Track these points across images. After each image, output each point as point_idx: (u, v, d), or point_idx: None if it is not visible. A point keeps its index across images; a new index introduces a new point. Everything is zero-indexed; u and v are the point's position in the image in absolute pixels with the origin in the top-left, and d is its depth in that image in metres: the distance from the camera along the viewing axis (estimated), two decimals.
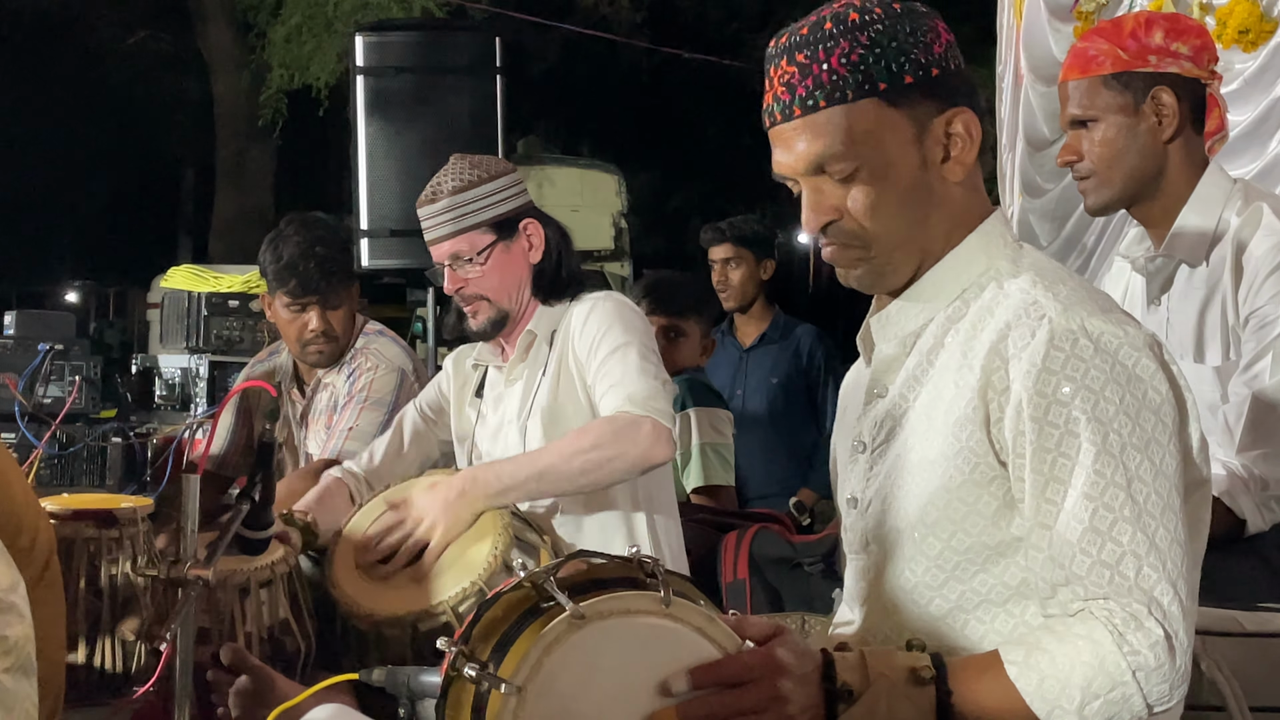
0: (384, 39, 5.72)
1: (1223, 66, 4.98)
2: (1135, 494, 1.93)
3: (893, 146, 2.07)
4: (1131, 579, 1.91)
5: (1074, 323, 1.98)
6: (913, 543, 2.10)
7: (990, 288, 2.11)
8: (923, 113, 2.07)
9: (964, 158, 2.10)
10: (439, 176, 3.56)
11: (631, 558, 1.92)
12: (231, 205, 17.80)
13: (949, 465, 2.05)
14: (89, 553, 2.88)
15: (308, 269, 4.33)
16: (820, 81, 2.06)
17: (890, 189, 2.09)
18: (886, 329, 2.20)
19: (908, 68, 2.05)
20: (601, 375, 3.37)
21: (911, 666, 1.92)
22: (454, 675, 1.85)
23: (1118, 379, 1.96)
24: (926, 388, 2.12)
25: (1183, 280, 3.25)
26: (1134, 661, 1.89)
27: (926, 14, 2.09)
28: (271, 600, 3.06)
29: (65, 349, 5.37)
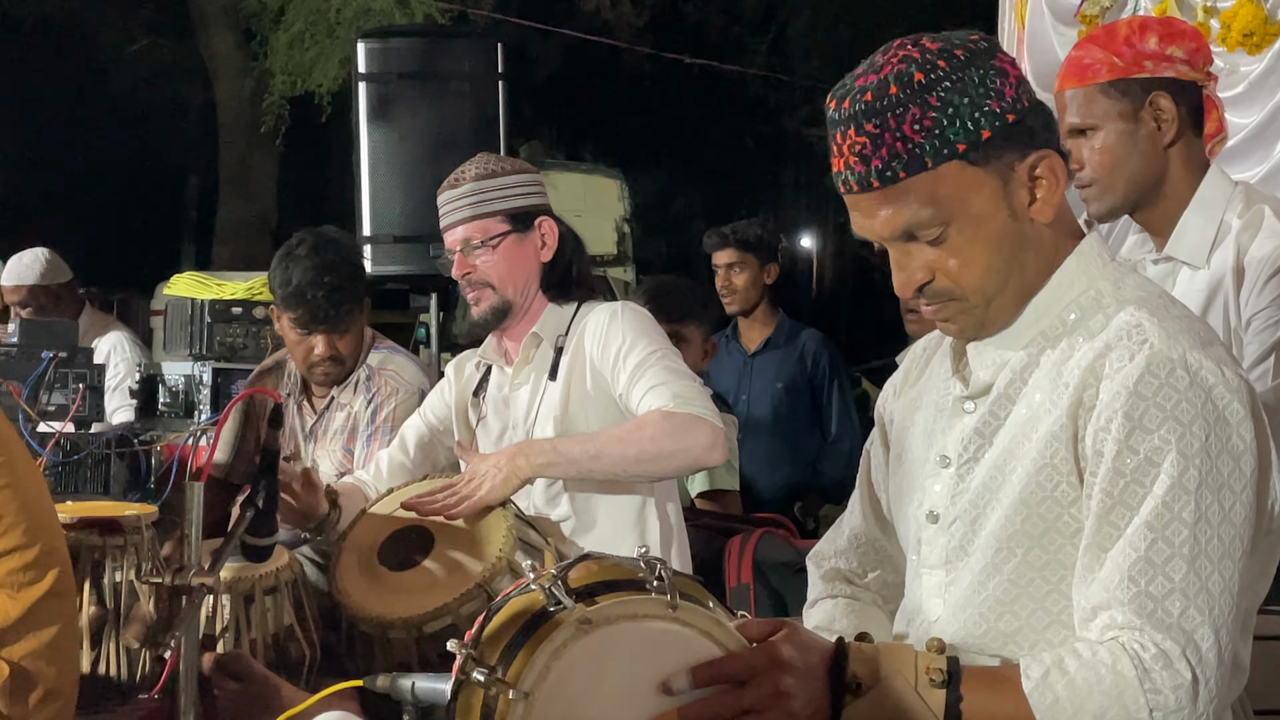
0: (386, 45, 5.73)
1: (1227, 70, 5.00)
2: (1199, 534, 1.91)
3: (979, 204, 2.02)
4: (1175, 617, 1.89)
5: (1175, 352, 1.95)
6: (990, 555, 2.08)
7: (1090, 309, 2.08)
8: (1005, 164, 2.02)
9: (1051, 199, 2.05)
10: (464, 165, 3.62)
11: (639, 559, 1.91)
12: (234, 212, 17.81)
13: (1031, 480, 2.03)
14: (93, 561, 2.88)
15: (315, 298, 4.26)
16: (895, 152, 1.98)
17: (981, 245, 2.04)
18: (984, 356, 2.16)
19: (984, 123, 1.99)
20: (639, 379, 3.39)
21: (925, 667, 1.91)
22: (463, 679, 1.85)
23: (1206, 417, 1.93)
24: (1019, 405, 2.09)
25: (1184, 283, 3.25)
26: (1154, 700, 1.86)
27: (989, 51, 2.03)
28: (276, 607, 3.07)
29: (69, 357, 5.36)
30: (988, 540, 2.08)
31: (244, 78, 17.11)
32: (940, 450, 2.19)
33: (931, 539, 2.20)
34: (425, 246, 5.18)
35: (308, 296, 4.26)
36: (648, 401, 3.34)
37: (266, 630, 3.05)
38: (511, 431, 3.62)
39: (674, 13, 21.12)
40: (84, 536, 2.89)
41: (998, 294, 2.07)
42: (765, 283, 6.14)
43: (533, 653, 1.81)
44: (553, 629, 1.82)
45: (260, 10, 16.35)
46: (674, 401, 3.29)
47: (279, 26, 16.03)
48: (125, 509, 3.07)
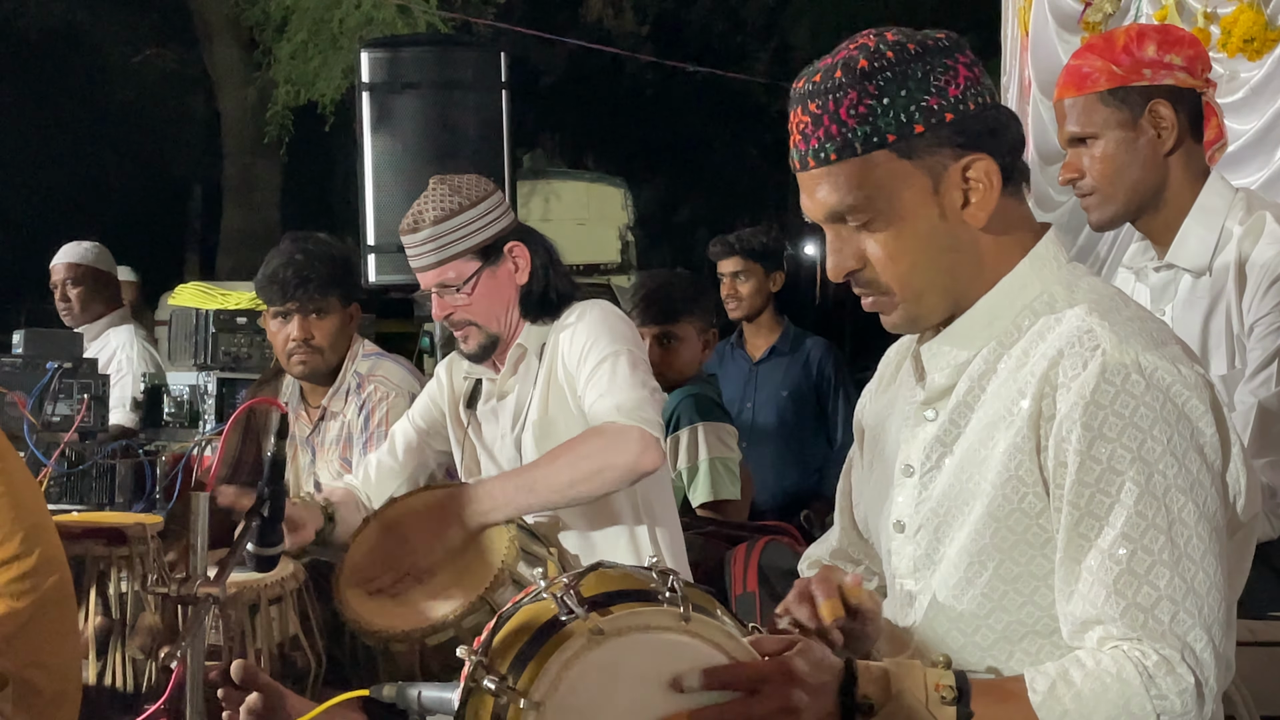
0: (389, 55, 5.73)
1: (1228, 76, 5.01)
2: (1176, 537, 1.91)
3: (906, 198, 2.03)
4: (1166, 624, 1.89)
5: (1128, 356, 1.95)
6: (962, 570, 2.08)
7: (1044, 313, 2.07)
8: (937, 162, 2.02)
9: (984, 204, 2.04)
10: (419, 204, 3.54)
11: (652, 570, 1.91)
12: (238, 222, 17.83)
13: (998, 493, 2.03)
14: (99, 571, 2.89)
15: (286, 276, 4.35)
16: (830, 134, 2.02)
17: (907, 239, 2.05)
18: (938, 358, 2.16)
19: (918, 117, 2.00)
20: (590, 386, 3.38)
21: (935, 684, 1.89)
22: (473, 687, 1.85)
23: (1167, 418, 1.93)
24: (978, 413, 2.09)
25: (1186, 290, 3.25)
26: (1160, 706, 1.87)
27: (946, 49, 2.04)
28: (281, 617, 3.07)
29: (74, 367, 5.37)
30: (959, 554, 2.08)
31: (247, 88, 17.14)
32: (904, 459, 2.20)
33: (899, 549, 2.21)
34: None
35: (279, 276, 4.37)
36: (593, 412, 3.34)
37: (272, 640, 3.05)
38: (500, 441, 3.63)
39: (677, 21, 21.14)
40: (89, 546, 2.89)
41: (925, 292, 2.08)
42: (770, 290, 6.14)
43: (544, 662, 1.81)
44: (564, 639, 1.82)
45: (264, 20, 16.37)
46: (615, 413, 3.27)
47: (282, 36, 16.06)
48: (130, 519, 3.08)
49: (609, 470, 3.27)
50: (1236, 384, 3.12)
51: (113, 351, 6.83)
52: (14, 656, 2.40)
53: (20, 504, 2.48)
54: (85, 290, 6.91)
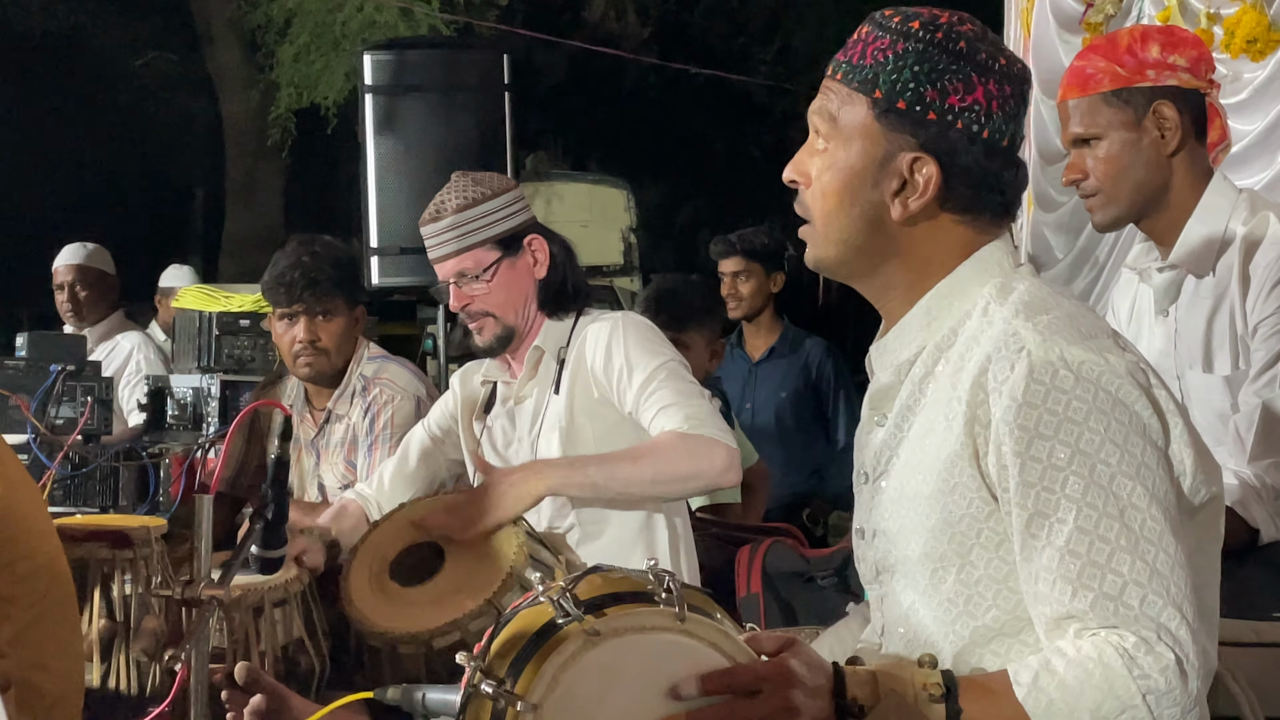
0: (392, 57, 5.74)
1: (1231, 76, 5.00)
2: (1130, 522, 1.91)
3: (859, 153, 2.10)
4: (1137, 608, 1.89)
5: (1053, 354, 1.96)
6: (925, 578, 2.09)
7: (977, 316, 2.09)
8: (896, 140, 2.08)
9: (909, 202, 2.09)
10: (442, 194, 3.57)
11: (648, 571, 1.91)
12: (241, 225, 17.82)
13: (948, 500, 2.04)
14: (103, 573, 2.89)
15: (292, 278, 4.37)
16: (850, 59, 2.11)
17: (841, 185, 2.11)
18: (884, 357, 2.19)
19: (907, 95, 2.06)
20: (649, 398, 3.37)
21: (923, 683, 1.91)
22: (472, 692, 1.85)
23: (1101, 407, 1.94)
24: (919, 418, 2.11)
25: (1190, 291, 3.25)
26: (1144, 685, 1.87)
27: (987, 69, 2.07)
28: (286, 619, 3.07)
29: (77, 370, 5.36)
30: (921, 562, 2.08)
31: (250, 90, 17.12)
32: (859, 465, 2.24)
33: (862, 554, 2.24)
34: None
35: (285, 278, 4.38)
36: (659, 422, 3.33)
37: (276, 643, 3.05)
38: (517, 445, 3.62)
39: (679, 23, 21.11)
40: (93, 549, 2.90)
41: (835, 244, 2.14)
42: (771, 291, 6.14)
43: (541, 664, 1.81)
44: (561, 641, 1.83)
45: (266, 23, 16.36)
46: (687, 424, 3.28)
47: (285, 39, 16.04)
48: (134, 522, 3.08)
49: (695, 479, 3.33)
50: (1240, 385, 3.12)
51: (127, 354, 6.85)
52: (16, 659, 2.40)
53: (21, 507, 2.48)
54: (91, 292, 6.94)
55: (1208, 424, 3.19)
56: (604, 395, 3.46)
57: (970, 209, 2.10)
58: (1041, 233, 6.62)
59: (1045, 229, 6.59)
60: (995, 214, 2.13)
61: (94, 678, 2.83)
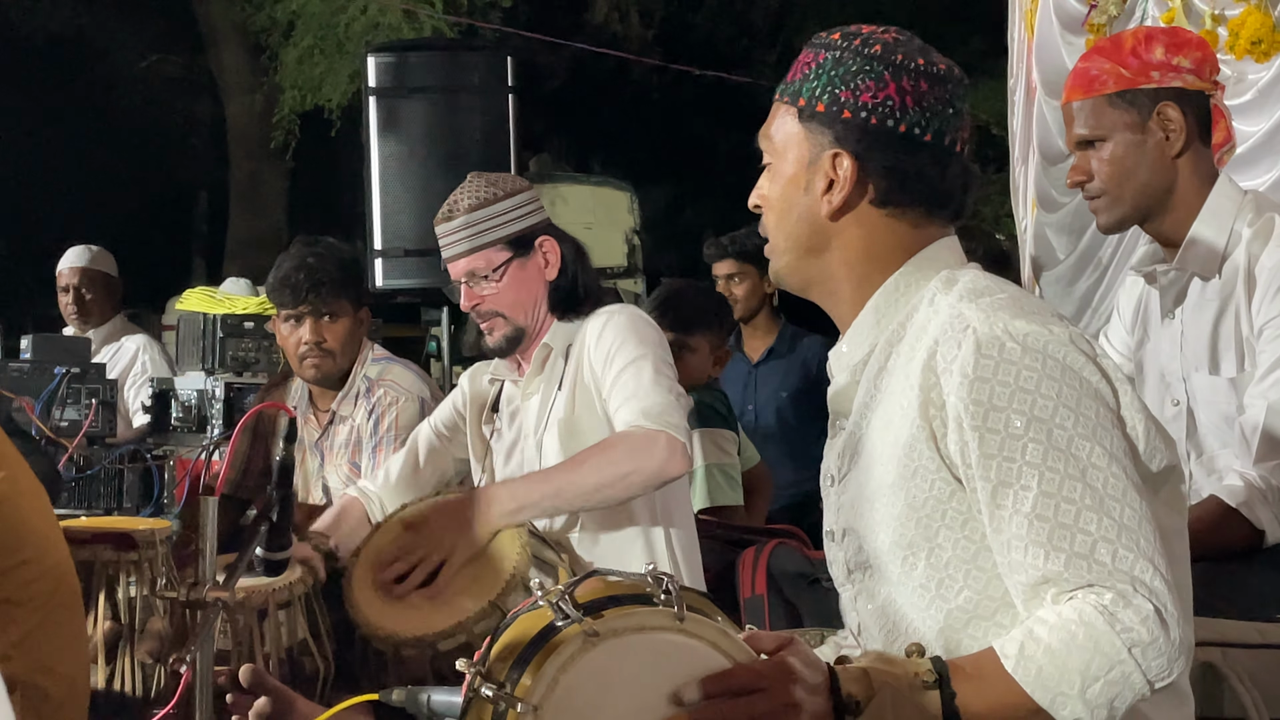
0: (396, 59, 5.74)
1: (1235, 78, 4.99)
2: (1092, 481, 1.94)
3: (792, 160, 2.22)
4: (1109, 563, 1.92)
5: (997, 328, 2.00)
6: (896, 567, 2.11)
7: (924, 307, 2.14)
8: (818, 141, 2.19)
9: (834, 198, 2.18)
10: (456, 194, 3.58)
11: (647, 574, 1.92)
12: (245, 227, 17.82)
13: (909, 486, 2.07)
14: (107, 576, 2.89)
15: (298, 280, 4.38)
16: (786, 78, 2.26)
17: (783, 197, 2.24)
18: (840, 360, 2.26)
19: (824, 98, 2.18)
20: (616, 389, 3.37)
21: (914, 672, 1.93)
22: (472, 696, 1.86)
23: (1051, 374, 1.98)
24: (878, 413, 2.15)
25: (1196, 293, 3.24)
26: (1128, 639, 1.89)
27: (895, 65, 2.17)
28: (290, 621, 3.07)
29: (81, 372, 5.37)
30: (890, 552, 2.11)
31: (254, 93, 17.13)
32: (826, 469, 2.31)
33: (834, 557, 2.28)
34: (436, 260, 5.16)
35: (291, 280, 4.40)
36: (619, 417, 3.35)
37: (280, 645, 3.05)
38: (523, 442, 3.62)
39: (683, 25, 21.10)
40: (98, 551, 2.89)
41: (786, 252, 2.26)
42: (766, 291, 6.13)
43: (540, 666, 1.82)
44: (560, 643, 1.83)
45: (270, 26, 16.36)
46: (642, 417, 3.28)
47: (288, 42, 16.05)
48: (139, 524, 3.08)
49: (635, 475, 3.28)
50: (1247, 387, 3.12)
51: (132, 356, 6.86)
52: (22, 662, 2.40)
53: (27, 510, 2.48)
54: (96, 294, 6.95)
55: (1214, 426, 3.19)
56: (598, 388, 3.46)
57: (898, 203, 2.19)
58: (1044, 233, 6.62)
59: (1048, 230, 6.59)
60: (929, 209, 2.20)
61: (99, 680, 2.83)
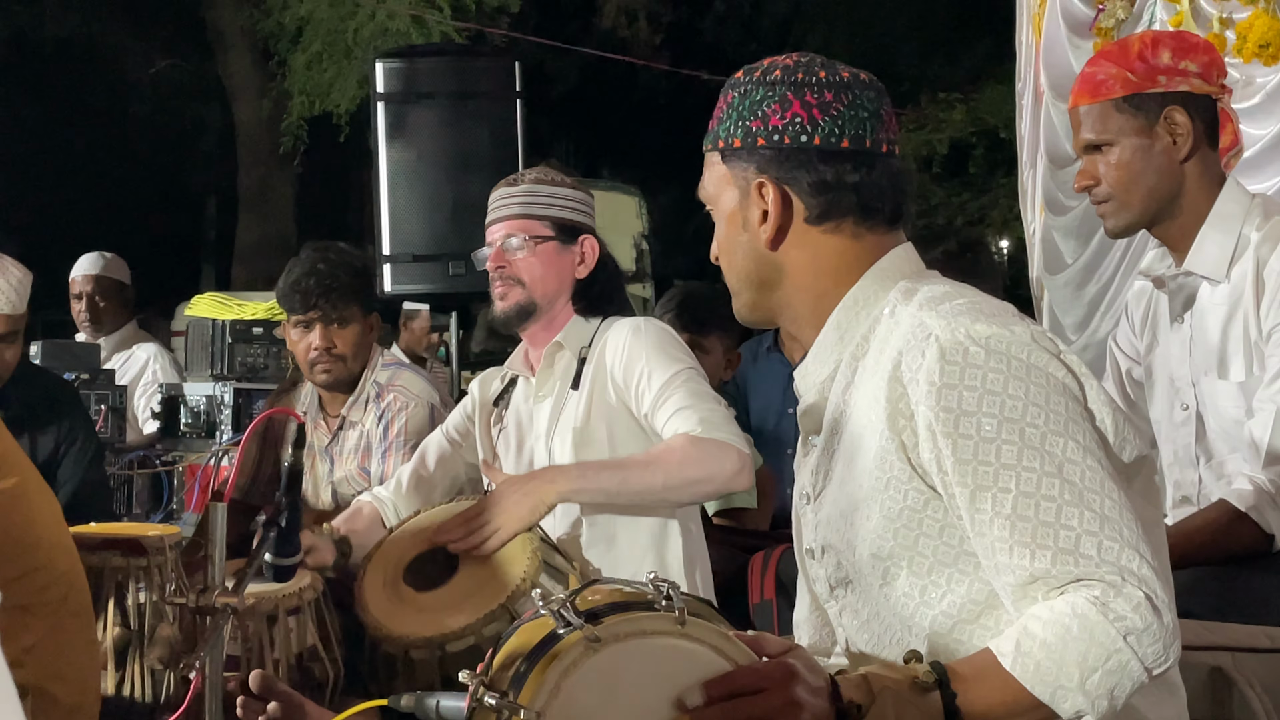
0: (404, 65, 5.75)
1: (1244, 81, 4.99)
2: (1069, 476, 1.95)
3: (724, 200, 2.27)
4: (1095, 555, 1.92)
5: (959, 333, 2.01)
6: (878, 579, 2.12)
7: (885, 319, 2.15)
8: (741, 176, 2.23)
9: (769, 226, 2.21)
10: (527, 170, 3.71)
11: (648, 582, 1.92)
12: (253, 232, 17.84)
13: (884, 498, 2.07)
14: (117, 582, 2.89)
15: (308, 285, 4.39)
16: (708, 128, 2.30)
17: (727, 239, 2.28)
18: (806, 379, 2.26)
19: (737, 133, 2.22)
20: (665, 401, 3.38)
21: (913, 676, 1.93)
22: (476, 706, 1.86)
23: (1016, 374, 1.99)
24: (848, 428, 2.16)
25: (1204, 297, 3.24)
26: (1122, 627, 1.89)
27: (795, 84, 2.20)
28: (300, 627, 3.07)
29: (91, 378, 5.38)
30: (870, 564, 2.12)
31: (262, 99, 17.15)
32: (800, 487, 2.30)
33: (815, 574, 2.28)
34: (444, 265, 5.18)
35: (301, 286, 4.40)
36: (673, 425, 3.34)
37: (290, 650, 3.05)
38: (533, 443, 3.62)
39: (690, 30, 21.13)
40: (107, 558, 2.89)
41: (740, 290, 2.30)
42: None
43: (543, 673, 1.82)
44: (562, 649, 1.83)
45: (278, 31, 16.39)
46: (700, 426, 3.29)
47: (297, 47, 16.08)
48: (149, 530, 3.08)
49: (706, 483, 3.32)
50: (1255, 391, 3.12)
51: (143, 363, 6.87)
52: (33, 668, 2.41)
53: (39, 518, 2.48)
54: (109, 302, 6.96)
55: (1223, 430, 3.19)
56: (621, 398, 3.46)
57: (831, 216, 2.20)
58: (1052, 238, 6.62)
59: (1055, 234, 6.59)
60: (863, 216, 2.21)
61: (109, 685, 2.83)
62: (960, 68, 18.08)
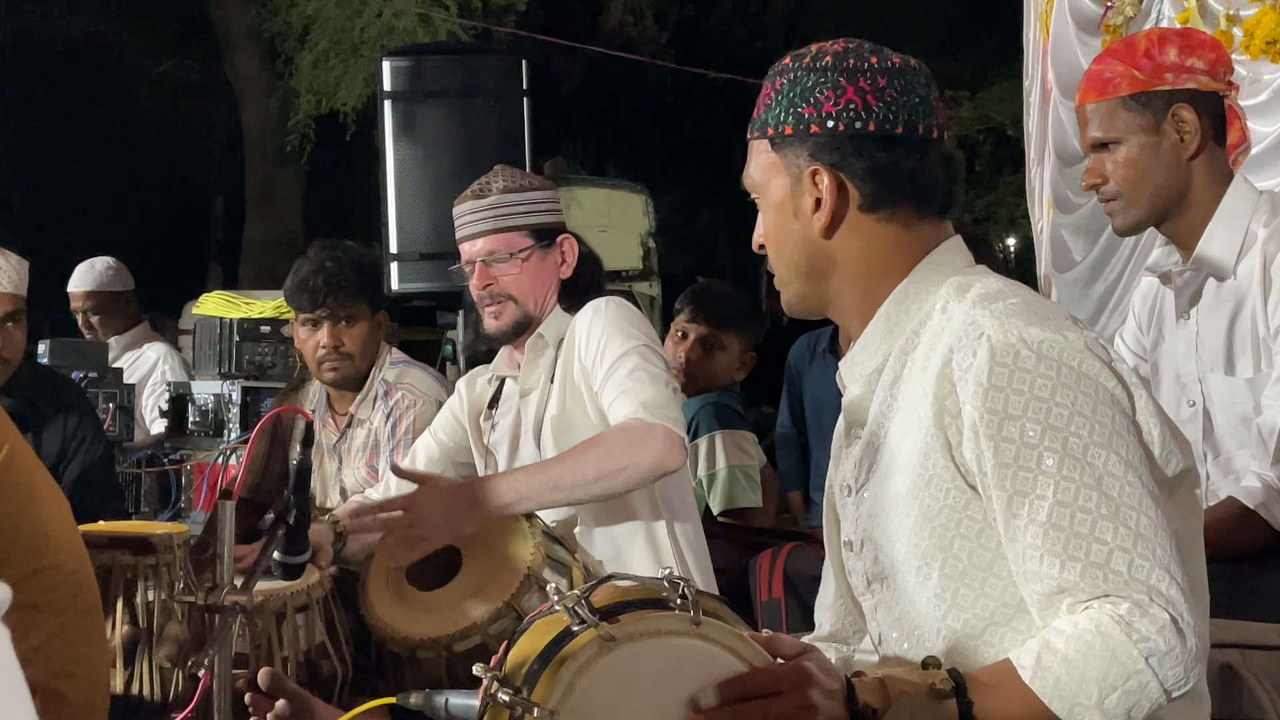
0: (411, 63, 5.74)
1: (1250, 78, 4.99)
2: (1108, 490, 1.94)
3: (775, 189, 2.23)
4: (1125, 573, 1.91)
5: (1012, 335, 2.00)
6: (913, 577, 2.11)
7: (936, 315, 2.14)
8: (794, 163, 2.20)
9: (823, 214, 2.18)
10: (487, 177, 3.65)
11: (663, 578, 1.92)
12: (261, 231, 17.85)
13: (924, 495, 2.07)
14: (125, 580, 2.90)
15: (316, 284, 4.40)
16: (753, 116, 2.26)
17: (774, 229, 2.25)
18: (853, 370, 2.25)
19: (789, 120, 2.18)
20: (610, 382, 3.39)
21: (930, 683, 1.93)
22: (489, 701, 1.86)
23: (1066, 382, 1.97)
24: (895, 422, 2.15)
25: (1211, 293, 3.24)
26: (1144, 648, 1.88)
27: (848, 70, 2.17)
28: (308, 625, 3.08)
29: (99, 377, 5.38)
30: (906, 561, 2.11)
31: (269, 97, 17.15)
32: (842, 479, 2.28)
33: (853, 566, 2.27)
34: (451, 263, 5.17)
35: (309, 284, 4.42)
36: (615, 409, 3.36)
37: (299, 648, 3.06)
38: (522, 438, 3.63)
39: (697, 28, 21.12)
40: (116, 556, 2.90)
41: (790, 281, 2.26)
42: None
43: (557, 671, 1.82)
44: (576, 647, 1.83)
45: (285, 30, 16.39)
46: (641, 410, 3.29)
47: (303, 46, 16.07)
48: (157, 528, 3.08)
49: (633, 468, 3.29)
50: (1263, 387, 3.11)
51: (153, 363, 6.87)
52: (42, 667, 2.41)
53: (48, 516, 2.49)
54: (105, 315, 6.93)
55: (1230, 427, 3.19)
56: (589, 382, 3.47)
57: (885, 204, 2.18)
58: (1060, 235, 6.61)
59: (1064, 231, 6.58)
60: (918, 205, 2.19)
61: (117, 684, 2.84)
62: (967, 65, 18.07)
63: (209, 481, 5.14)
